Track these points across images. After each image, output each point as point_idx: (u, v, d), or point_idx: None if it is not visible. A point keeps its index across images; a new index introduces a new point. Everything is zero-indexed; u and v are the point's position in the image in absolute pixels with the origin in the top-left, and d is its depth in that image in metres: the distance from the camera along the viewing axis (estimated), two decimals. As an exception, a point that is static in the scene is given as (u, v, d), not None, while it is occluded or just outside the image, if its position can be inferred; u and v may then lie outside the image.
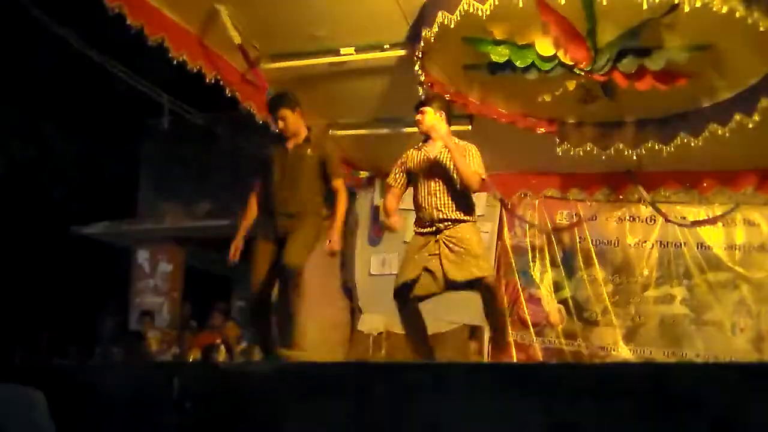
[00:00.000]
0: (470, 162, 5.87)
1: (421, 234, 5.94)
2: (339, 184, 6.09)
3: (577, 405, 3.71)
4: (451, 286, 5.81)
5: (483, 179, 5.94)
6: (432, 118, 5.98)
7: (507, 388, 3.94)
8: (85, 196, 13.75)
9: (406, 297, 5.89)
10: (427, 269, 5.79)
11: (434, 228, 5.86)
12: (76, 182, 13.93)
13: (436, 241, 5.82)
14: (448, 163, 5.89)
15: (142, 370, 5.72)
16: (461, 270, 5.73)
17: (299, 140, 6.08)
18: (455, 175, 5.86)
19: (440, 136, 5.93)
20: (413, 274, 5.81)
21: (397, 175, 6.16)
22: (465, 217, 5.89)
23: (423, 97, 6.37)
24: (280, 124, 6.04)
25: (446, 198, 5.87)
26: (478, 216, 6.71)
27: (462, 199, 5.92)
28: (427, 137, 6.04)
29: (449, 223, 5.83)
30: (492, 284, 5.92)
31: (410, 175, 6.09)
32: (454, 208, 5.86)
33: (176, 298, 13.03)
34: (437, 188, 5.89)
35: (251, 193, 6.29)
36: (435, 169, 5.93)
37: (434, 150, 5.97)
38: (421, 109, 6.02)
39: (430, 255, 5.81)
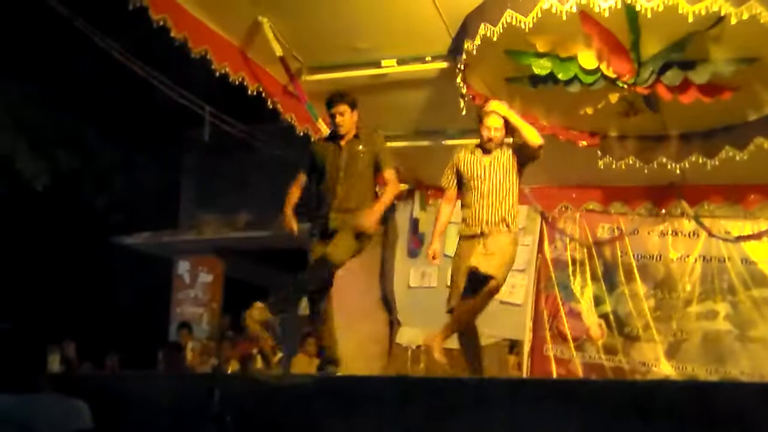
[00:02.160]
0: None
1: (467, 238, 6.03)
2: (389, 174, 6.07)
3: (617, 422, 3.67)
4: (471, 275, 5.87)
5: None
6: (502, 128, 6.06)
7: (547, 403, 3.90)
8: (127, 206, 13.87)
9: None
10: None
11: (480, 231, 5.95)
12: (119, 193, 14.05)
13: (479, 243, 5.92)
14: (500, 167, 6.01)
15: (182, 381, 5.74)
16: (483, 263, 5.79)
17: (350, 137, 6.06)
18: (509, 180, 6.01)
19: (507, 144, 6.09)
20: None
21: (450, 178, 6.29)
22: (510, 226, 6.00)
23: (486, 103, 6.33)
24: (338, 118, 6.00)
25: (497, 204, 5.98)
26: (519, 229, 6.73)
27: (510, 207, 6.03)
28: (484, 143, 6.09)
29: (495, 228, 5.92)
30: (494, 290, 5.92)
31: (460, 178, 6.17)
32: (503, 215, 5.97)
33: (216, 309, 13.10)
34: (489, 193, 6.00)
35: (294, 182, 6.28)
36: (489, 175, 6.02)
37: (489, 153, 6.08)
38: (491, 115, 6.06)
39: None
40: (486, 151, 6.12)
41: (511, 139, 6.25)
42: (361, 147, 6.03)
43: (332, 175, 6.01)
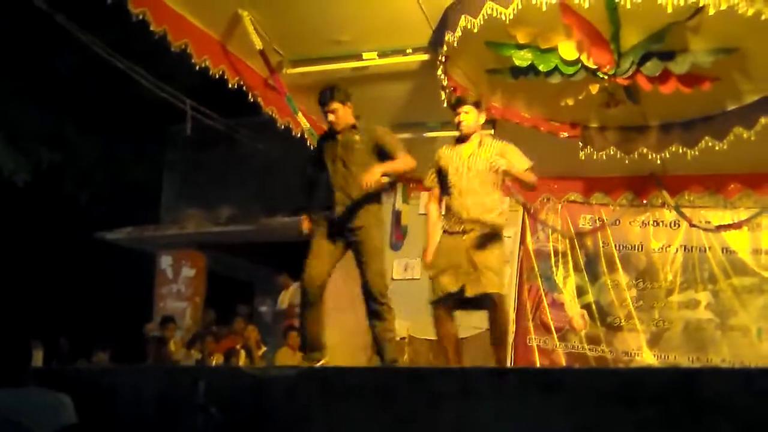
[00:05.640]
0: (517, 161, 5.95)
1: (450, 233, 5.96)
2: (401, 153, 5.89)
3: (601, 410, 3.69)
4: (463, 299, 5.86)
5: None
6: (475, 118, 5.99)
7: (531, 393, 3.92)
8: (108, 201, 13.83)
9: (443, 306, 5.92)
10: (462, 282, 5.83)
11: (461, 228, 5.88)
12: (100, 188, 14.01)
13: (464, 241, 5.85)
14: (480, 163, 5.92)
15: (168, 373, 5.73)
16: (476, 285, 5.77)
17: (347, 129, 5.96)
18: (489, 175, 5.90)
19: (485, 137, 6.07)
20: (455, 287, 5.82)
21: (433, 175, 6.19)
22: (494, 221, 5.91)
23: (459, 96, 6.31)
24: (331, 117, 5.90)
25: (477, 198, 5.89)
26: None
27: (492, 201, 5.95)
28: (462, 137, 6.06)
29: (477, 225, 5.83)
30: (499, 301, 5.90)
31: (441, 174, 6.09)
32: (485, 209, 5.89)
33: (199, 303, 13.08)
34: (470, 188, 5.91)
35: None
36: (467, 168, 5.94)
37: (468, 149, 5.99)
38: (463, 108, 6.00)
39: (462, 267, 5.83)
40: (461, 140, 6.06)
41: (492, 131, 6.26)
42: (357, 137, 5.91)
43: (332, 168, 5.94)
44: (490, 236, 5.89)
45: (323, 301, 6.01)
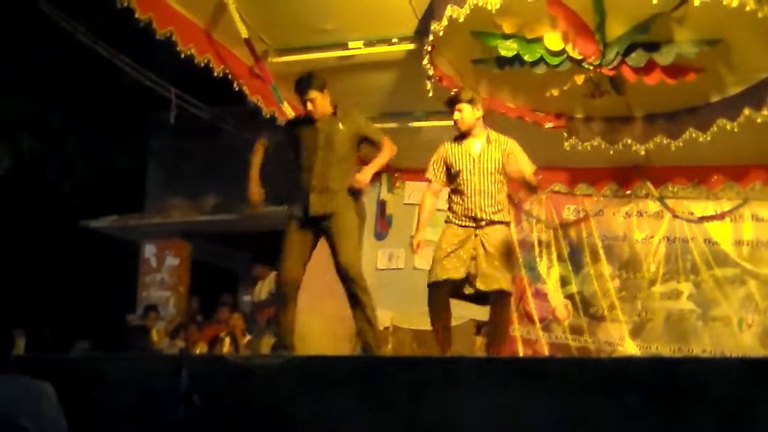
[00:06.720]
0: (525, 164, 6.04)
1: (461, 226, 5.96)
2: (385, 140, 5.96)
3: (584, 399, 3.72)
4: (468, 292, 5.91)
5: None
6: (471, 114, 6.00)
7: (514, 382, 3.94)
8: (92, 190, 13.75)
9: (441, 290, 5.91)
10: (468, 272, 5.87)
11: (475, 224, 5.92)
12: (84, 176, 13.92)
13: (476, 236, 5.89)
14: (490, 162, 5.96)
15: (151, 362, 5.73)
16: (488, 281, 5.83)
17: (326, 117, 5.92)
18: (499, 174, 5.97)
19: (485, 135, 6.07)
20: (458, 274, 5.86)
21: (437, 170, 6.17)
22: (505, 219, 6.01)
23: (452, 96, 6.28)
24: (309, 105, 5.87)
25: (490, 198, 5.93)
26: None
27: (503, 199, 6.02)
28: (462, 134, 6.08)
29: (491, 223, 5.91)
30: (506, 299, 5.99)
31: (449, 171, 6.10)
32: (497, 209, 5.95)
33: (183, 292, 13.05)
34: (482, 187, 5.95)
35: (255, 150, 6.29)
36: (479, 167, 5.97)
37: (477, 147, 6.02)
38: (458, 106, 6.02)
39: (471, 258, 5.87)
40: (462, 136, 6.08)
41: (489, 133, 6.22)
42: (340, 125, 5.87)
43: (310, 155, 5.85)
44: (503, 233, 5.96)
45: (297, 299, 5.95)
